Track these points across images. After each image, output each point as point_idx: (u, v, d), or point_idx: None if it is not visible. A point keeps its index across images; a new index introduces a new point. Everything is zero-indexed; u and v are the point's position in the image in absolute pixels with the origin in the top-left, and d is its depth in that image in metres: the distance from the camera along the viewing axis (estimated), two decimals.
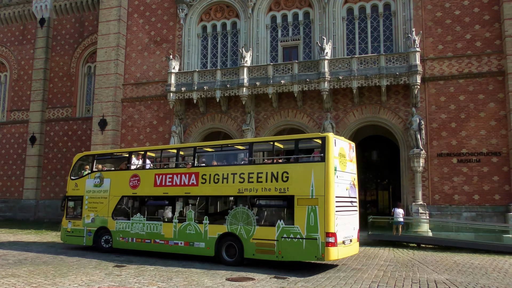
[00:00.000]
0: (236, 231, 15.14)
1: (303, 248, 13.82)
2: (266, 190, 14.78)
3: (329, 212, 13.56)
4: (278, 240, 14.25)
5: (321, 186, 13.76)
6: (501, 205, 22.64)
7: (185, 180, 16.64)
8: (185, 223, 16.42)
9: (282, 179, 14.49)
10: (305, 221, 13.84)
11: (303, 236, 13.83)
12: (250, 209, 15.06)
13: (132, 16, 31.77)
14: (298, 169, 14.50)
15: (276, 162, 15.46)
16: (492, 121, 23.38)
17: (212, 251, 15.59)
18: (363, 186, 32.08)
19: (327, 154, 13.99)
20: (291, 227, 14.09)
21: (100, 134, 30.42)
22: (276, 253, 14.25)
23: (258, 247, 14.63)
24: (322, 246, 13.48)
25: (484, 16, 24.20)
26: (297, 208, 14.03)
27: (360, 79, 24.42)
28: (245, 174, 15.27)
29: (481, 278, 13.12)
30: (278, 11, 28.67)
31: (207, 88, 27.17)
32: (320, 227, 13.58)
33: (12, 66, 38.21)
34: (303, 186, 14.08)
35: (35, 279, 12.33)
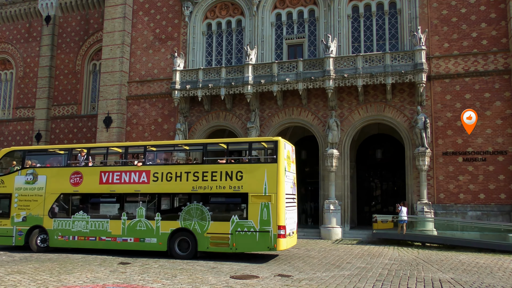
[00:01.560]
0: (190, 226, 16.22)
1: (256, 240, 15.50)
2: (221, 188, 16.10)
3: (281, 208, 15.41)
4: (233, 233, 15.76)
5: (274, 185, 15.47)
6: (506, 204, 22.53)
7: (135, 178, 17.03)
8: (135, 220, 16.86)
9: (237, 178, 15.94)
10: (259, 216, 15.51)
11: (256, 229, 15.51)
12: (205, 206, 16.24)
13: (137, 14, 31.80)
14: (252, 169, 16.15)
15: (230, 162, 16.84)
16: (498, 119, 23.25)
17: (164, 246, 16.41)
18: (368, 184, 32.05)
19: (279, 156, 15.76)
20: (245, 222, 15.68)
21: (105, 131, 30.51)
22: (231, 245, 15.77)
23: (212, 241, 15.97)
24: (274, 238, 15.26)
25: (490, 14, 24.04)
26: (251, 204, 15.64)
27: (365, 77, 24.34)
28: (199, 173, 16.42)
29: (486, 278, 13.07)
30: (283, 9, 28.60)
31: (211, 85, 27.18)
32: (272, 221, 15.33)
33: (17, 63, 38.35)
34: (256, 184, 15.65)
35: (40, 276, 12.40)
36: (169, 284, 11.44)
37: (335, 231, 24.25)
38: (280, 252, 17.31)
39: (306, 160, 31.96)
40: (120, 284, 11.39)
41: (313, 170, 30.20)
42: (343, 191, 25.51)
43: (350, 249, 19.97)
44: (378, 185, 32.61)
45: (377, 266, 14.92)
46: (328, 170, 25.19)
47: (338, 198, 25.09)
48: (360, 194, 30.55)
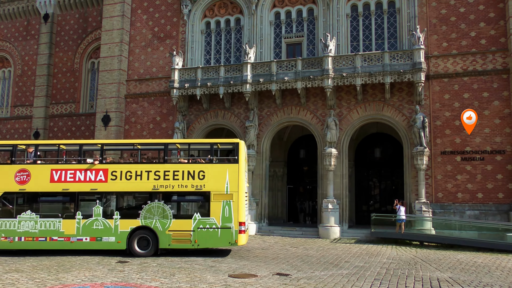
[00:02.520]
0: (151, 224, 16.50)
1: (218, 236, 16.37)
2: (183, 187, 16.62)
3: (241, 205, 16.51)
4: (195, 230, 16.43)
5: (235, 184, 16.51)
6: (504, 204, 22.58)
7: (91, 176, 16.84)
8: (91, 219, 16.66)
9: (199, 177, 16.60)
10: (221, 213, 16.38)
11: (218, 226, 16.38)
12: (166, 204, 16.63)
13: (136, 12, 31.74)
14: (214, 168, 16.87)
15: (192, 161, 17.55)
16: (497, 119, 23.28)
17: (123, 245, 16.48)
18: (366, 183, 32.05)
19: (240, 157, 16.86)
20: (207, 219, 16.43)
21: (103, 130, 30.46)
22: (193, 242, 16.40)
23: (174, 238, 16.43)
24: (236, 233, 16.31)
25: (489, 14, 24.06)
26: (213, 202, 16.45)
27: (364, 76, 24.34)
28: (161, 172, 16.73)
29: (484, 277, 13.10)
30: (282, 8, 28.58)
31: (210, 84, 27.15)
32: (234, 218, 16.34)
33: (16, 61, 38.26)
34: (219, 183, 16.52)
35: (38, 274, 12.38)
36: (167, 282, 11.43)
37: (333, 230, 24.26)
38: (240, 247, 18.34)
39: (305, 159, 31.98)
40: (118, 282, 11.38)
41: (312, 169, 30.22)
42: (341, 190, 25.53)
43: (348, 248, 19.99)
44: (376, 184, 32.61)
45: (376, 265, 14.94)
46: (326, 169, 25.20)
47: (336, 197, 25.10)
48: (359, 193, 30.55)
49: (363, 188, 31.50)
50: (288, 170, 32.14)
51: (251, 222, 25.93)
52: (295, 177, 32.75)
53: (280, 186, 31.32)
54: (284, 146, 32.05)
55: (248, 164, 26.42)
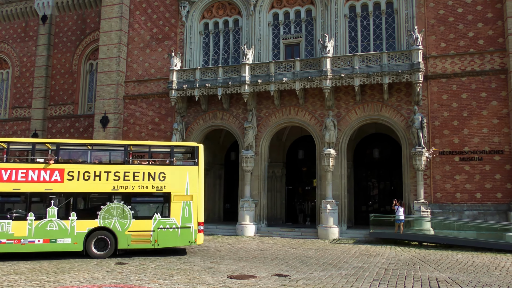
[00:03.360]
0: (110, 225, 16.51)
1: (178, 236, 16.89)
2: (143, 188, 16.89)
3: (201, 206, 17.21)
4: (155, 230, 16.78)
5: (195, 185, 17.22)
6: (503, 203, 22.60)
7: (45, 176, 16.36)
8: (45, 220, 16.14)
9: (159, 179, 17.01)
10: (181, 213, 16.95)
11: (178, 226, 16.93)
12: (126, 205, 16.73)
13: (134, 13, 31.74)
14: (175, 170, 17.37)
15: (152, 163, 17.68)
16: (495, 119, 23.31)
17: (80, 246, 16.23)
18: (365, 184, 32.07)
19: (199, 159, 17.55)
20: (168, 219, 16.92)
21: (102, 131, 30.43)
22: (153, 241, 16.72)
23: (134, 238, 16.59)
24: (195, 233, 17.02)
25: (487, 14, 24.10)
26: (173, 203, 16.99)
27: (362, 77, 24.36)
28: (121, 172, 16.82)
29: (483, 277, 13.11)
30: (280, 9, 28.60)
31: (209, 85, 27.14)
32: (194, 218, 17.03)
33: (14, 63, 38.21)
34: (179, 184, 17.10)
35: (36, 276, 12.36)
36: (166, 284, 11.42)
37: (332, 230, 24.26)
38: (199, 246, 18.90)
39: (303, 159, 31.99)
40: (117, 284, 11.36)
41: (310, 170, 30.23)
42: (340, 190, 25.53)
43: (347, 248, 19.99)
44: (375, 185, 32.62)
45: (374, 266, 14.94)
46: (325, 170, 25.20)
47: (335, 198, 25.10)
48: (357, 193, 30.55)
49: (362, 188, 31.51)
50: (286, 171, 32.14)
51: (250, 223, 25.94)
52: (294, 178, 32.75)
53: (279, 187, 31.31)
54: (283, 147, 32.05)
55: (247, 165, 26.50)
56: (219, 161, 32.95)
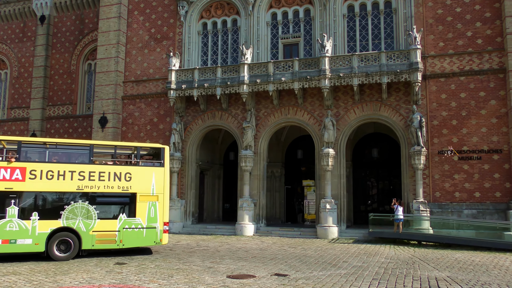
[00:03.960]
0: (74, 225, 16.21)
1: (143, 236, 16.99)
2: (109, 188, 16.81)
3: (166, 206, 17.59)
4: (120, 230, 16.75)
5: (161, 186, 17.39)
6: (502, 203, 22.62)
7: (5, 175, 15.78)
8: (4, 220, 15.53)
9: (125, 179, 17.00)
10: (146, 213, 17.05)
11: (143, 226, 17.02)
12: (91, 205, 16.53)
13: (133, 13, 31.70)
14: (141, 171, 17.46)
15: (119, 163, 17.68)
16: (493, 118, 23.33)
17: (42, 247, 15.70)
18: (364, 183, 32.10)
19: (165, 161, 17.78)
20: (133, 219, 16.95)
21: (100, 131, 30.40)
22: (118, 242, 16.67)
23: (98, 239, 16.43)
24: (161, 233, 17.19)
25: (485, 14, 24.12)
26: (139, 203, 17.05)
27: (360, 76, 24.36)
28: (86, 172, 16.60)
29: (482, 276, 13.12)
30: (278, 8, 28.59)
31: (207, 85, 27.13)
32: (159, 218, 17.21)
33: (12, 63, 38.16)
34: (145, 185, 17.20)
35: (36, 277, 12.34)
36: (166, 284, 11.41)
37: (331, 230, 24.26)
38: (165, 246, 18.91)
39: (302, 159, 32.01)
40: (116, 284, 11.35)
41: (309, 170, 30.24)
42: (339, 190, 25.54)
43: (346, 248, 20.00)
44: (374, 184, 32.66)
45: (374, 265, 14.95)
46: (324, 170, 25.21)
47: (334, 197, 25.10)
48: (356, 193, 30.57)
49: (361, 188, 31.54)
50: (285, 171, 32.16)
51: (249, 223, 25.93)
52: (293, 178, 32.77)
53: (278, 187, 31.32)
54: (282, 147, 32.06)
55: (246, 165, 26.50)
56: (218, 161, 32.94)
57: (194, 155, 28.91)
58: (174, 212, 27.69)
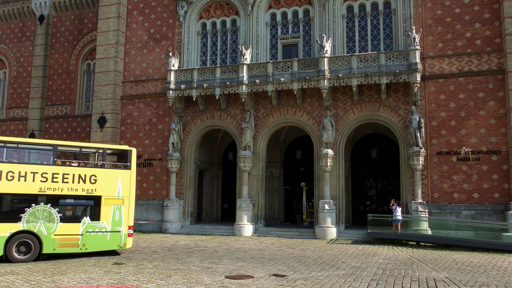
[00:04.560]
0: (35, 228, 15.62)
1: (107, 240, 16.69)
2: (73, 190, 16.32)
3: (131, 210, 17.25)
4: (83, 234, 16.36)
5: (127, 189, 17.12)
6: (500, 204, 22.63)
7: None
8: None
9: (90, 181, 16.55)
10: (111, 217, 16.76)
11: (108, 229, 16.73)
12: (54, 207, 15.96)
13: (132, 13, 31.68)
14: (107, 173, 17.14)
15: (83, 165, 17.23)
16: (492, 119, 23.35)
17: (0, 250, 15.08)
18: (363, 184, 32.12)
19: (132, 164, 17.44)
20: (97, 223, 16.61)
21: (99, 131, 30.37)
22: (80, 246, 16.26)
23: (60, 242, 15.91)
24: (125, 237, 16.94)
25: (484, 14, 24.14)
26: (104, 206, 16.72)
27: (359, 77, 24.37)
28: (49, 173, 15.97)
29: (480, 276, 13.12)
30: (277, 9, 28.59)
31: (206, 85, 27.11)
32: (124, 222, 16.96)
33: (11, 63, 38.12)
34: (110, 188, 16.85)
35: (34, 277, 12.32)
36: (164, 284, 11.39)
37: (330, 230, 24.26)
38: (128, 250, 18.30)
39: (301, 160, 32.01)
40: (114, 284, 11.34)
41: (308, 170, 30.24)
42: (338, 190, 25.53)
43: (345, 248, 20.00)
44: (373, 185, 32.69)
45: (372, 266, 14.95)
46: (323, 170, 25.20)
47: (333, 198, 25.10)
48: (355, 193, 30.60)
49: (359, 188, 31.57)
50: (284, 171, 32.16)
51: (248, 223, 25.92)
52: (292, 178, 32.76)
53: (277, 187, 31.32)
54: (281, 147, 32.07)
55: (245, 165, 26.49)
56: (217, 161, 32.94)
57: (193, 155, 28.90)
58: (173, 212, 27.71)
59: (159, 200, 28.74)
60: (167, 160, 28.19)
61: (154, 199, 28.97)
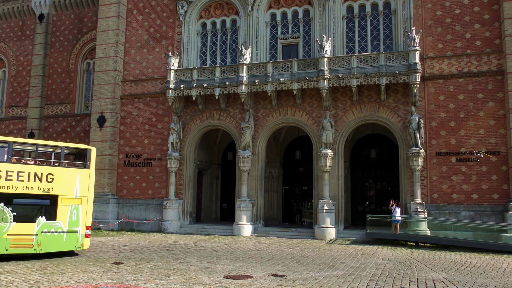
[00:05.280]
0: None
1: (63, 240, 16.13)
2: (28, 189, 15.78)
3: (90, 210, 16.78)
4: (38, 234, 15.75)
5: (85, 188, 16.70)
6: (499, 204, 22.65)
7: None
8: None
9: (47, 180, 16.09)
10: (68, 217, 16.25)
11: (64, 230, 16.17)
12: (7, 206, 15.38)
13: (132, 13, 31.66)
14: (64, 172, 16.60)
15: (40, 163, 16.63)
16: (491, 120, 23.36)
17: None
18: (362, 184, 32.12)
19: (91, 163, 17.08)
20: (53, 223, 16.03)
21: (98, 130, 30.35)
22: (35, 246, 15.63)
23: (13, 242, 15.29)
24: (82, 237, 16.45)
25: (484, 15, 24.16)
26: (61, 206, 16.19)
27: (359, 77, 24.37)
28: (3, 171, 15.46)
29: (479, 277, 13.13)
30: (277, 9, 28.58)
31: (206, 85, 27.11)
32: (82, 222, 16.47)
33: (10, 62, 38.09)
34: (68, 187, 16.36)
35: (32, 276, 12.31)
36: (163, 284, 11.38)
37: (329, 231, 24.27)
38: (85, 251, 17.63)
39: (300, 160, 32.01)
40: (113, 284, 11.32)
41: (307, 170, 30.24)
42: (337, 191, 25.53)
43: (344, 249, 20.00)
44: (372, 185, 32.69)
45: (371, 266, 14.95)
46: (322, 170, 25.21)
47: (332, 198, 25.10)
48: (354, 194, 30.61)
49: (358, 189, 31.57)
50: (283, 171, 32.16)
51: (247, 223, 25.92)
52: (291, 178, 32.76)
53: (276, 187, 31.32)
54: (280, 147, 32.07)
55: (244, 165, 26.49)
56: (216, 161, 32.94)
57: (192, 155, 28.90)
58: (172, 212, 27.70)
59: (158, 200, 28.73)
60: (167, 160, 28.19)
61: (153, 199, 28.97)
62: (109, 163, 29.62)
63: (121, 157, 30.21)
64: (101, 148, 29.71)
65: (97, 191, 29.51)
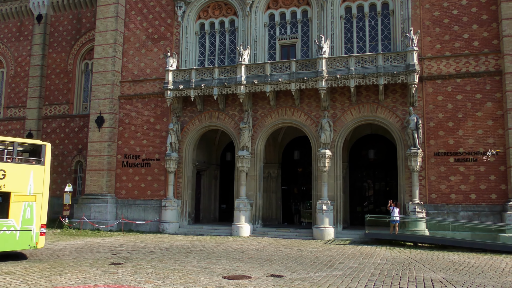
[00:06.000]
0: None
1: (16, 239, 15.32)
2: None
3: (44, 207, 16.04)
4: None
5: (40, 185, 15.96)
6: (497, 204, 22.69)
7: None
8: None
9: None
10: (21, 215, 15.48)
11: (17, 228, 15.37)
12: None
13: (130, 13, 31.64)
14: (17, 168, 15.86)
15: None
16: (489, 120, 23.41)
17: None
18: (360, 184, 32.14)
19: (46, 159, 16.34)
20: (5, 221, 15.23)
21: (97, 131, 30.32)
22: None
23: None
24: (37, 236, 15.67)
25: (482, 16, 24.21)
26: (13, 203, 15.41)
27: (357, 77, 24.39)
28: None
29: (477, 277, 13.15)
30: (276, 9, 28.59)
31: (204, 85, 27.11)
32: (36, 220, 15.70)
33: (8, 62, 38.05)
34: (21, 184, 15.62)
35: (31, 277, 12.29)
36: (161, 284, 11.38)
37: (327, 231, 24.28)
38: (40, 250, 17.31)
39: (299, 160, 32.02)
40: (111, 284, 11.32)
41: (306, 171, 30.25)
42: (335, 191, 25.55)
43: (342, 249, 20.02)
44: (370, 185, 32.72)
45: (369, 266, 14.96)
46: (320, 171, 25.23)
47: (330, 199, 25.12)
48: (353, 194, 30.63)
49: (357, 189, 31.60)
50: (282, 172, 32.17)
51: (246, 224, 25.92)
52: (290, 179, 32.77)
53: (275, 188, 31.34)
54: (279, 148, 32.08)
55: (243, 165, 26.49)
56: (215, 161, 32.94)
57: (191, 155, 28.89)
58: (171, 212, 27.69)
59: (157, 200, 28.72)
60: (165, 160, 28.18)
61: (152, 199, 28.95)
62: (107, 164, 29.60)
63: (120, 158, 30.19)
64: (100, 148, 29.70)
65: (96, 191, 29.55)
